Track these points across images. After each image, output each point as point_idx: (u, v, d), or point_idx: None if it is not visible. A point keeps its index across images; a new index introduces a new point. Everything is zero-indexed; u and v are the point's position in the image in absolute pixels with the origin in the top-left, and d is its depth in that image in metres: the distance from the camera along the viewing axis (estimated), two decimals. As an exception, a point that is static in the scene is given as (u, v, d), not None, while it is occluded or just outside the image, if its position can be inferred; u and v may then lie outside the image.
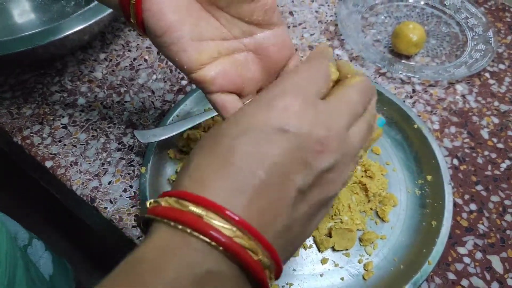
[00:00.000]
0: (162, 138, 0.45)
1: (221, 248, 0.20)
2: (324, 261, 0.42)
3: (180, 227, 0.20)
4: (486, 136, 0.52)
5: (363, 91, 0.26)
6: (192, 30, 0.30)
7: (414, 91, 0.56)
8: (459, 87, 0.57)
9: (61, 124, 0.53)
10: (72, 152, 0.50)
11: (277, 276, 0.23)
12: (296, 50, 0.61)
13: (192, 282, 0.20)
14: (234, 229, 0.20)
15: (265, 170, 0.21)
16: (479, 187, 0.48)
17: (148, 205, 0.22)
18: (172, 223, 0.21)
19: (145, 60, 0.59)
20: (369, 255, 0.42)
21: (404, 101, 0.55)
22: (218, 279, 0.20)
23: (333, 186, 0.24)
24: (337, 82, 0.27)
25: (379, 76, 0.58)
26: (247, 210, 0.21)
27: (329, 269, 0.42)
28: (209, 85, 0.32)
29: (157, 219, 0.21)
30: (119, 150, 0.50)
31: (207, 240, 0.20)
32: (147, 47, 0.61)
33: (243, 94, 0.34)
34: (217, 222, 0.20)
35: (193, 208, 0.21)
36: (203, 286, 0.20)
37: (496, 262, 0.43)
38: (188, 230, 0.20)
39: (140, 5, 0.29)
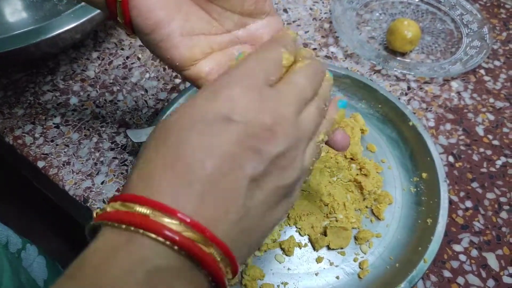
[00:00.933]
0: (155, 137, 0.45)
1: (168, 242, 0.19)
2: (319, 260, 0.42)
3: (124, 226, 0.20)
4: (481, 133, 0.52)
5: (311, 75, 0.26)
6: (182, 26, 0.29)
7: (409, 88, 0.56)
8: (454, 84, 0.57)
9: (53, 123, 0.52)
10: (64, 152, 0.50)
11: (234, 272, 0.22)
12: (291, 47, 0.60)
13: (141, 280, 0.19)
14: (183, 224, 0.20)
15: (213, 161, 0.21)
16: (474, 184, 0.48)
17: (94, 214, 0.22)
18: (116, 224, 0.20)
19: (138, 59, 0.59)
20: (365, 254, 0.42)
21: (399, 98, 0.54)
22: (170, 275, 0.20)
23: (288, 173, 0.23)
24: None
25: (374, 73, 0.57)
26: (196, 206, 0.20)
27: (324, 268, 0.41)
28: (204, 81, 0.31)
29: (103, 223, 0.21)
30: (112, 149, 0.50)
31: (153, 236, 0.19)
32: (140, 46, 0.61)
33: None
34: (165, 219, 0.20)
35: (139, 208, 0.20)
36: (154, 284, 0.19)
37: (491, 260, 0.43)
38: (132, 228, 0.19)
39: (127, 2, 0.28)
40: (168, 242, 0.19)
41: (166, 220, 0.20)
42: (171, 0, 0.29)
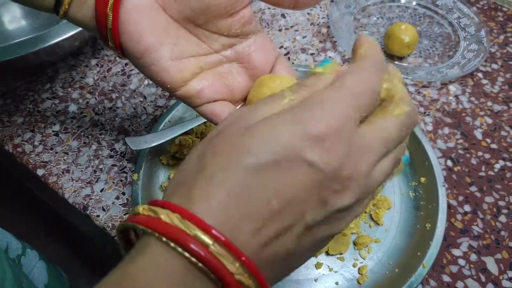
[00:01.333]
0: (154, 144, 0.45)
1: (220, 283, 0.19)
2: (318, 265, 0.42)
3: (179, 250, 0.19)
4: (479, 136, 0.52)
5: (405, 127, 0.23)
6: (171, 50, 0.30)
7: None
8: (452, 88, 0.57)
9: (53, 131, 0.52)
10: (64, 159, 0.50)
11: None
12: (288, 53, 0.61)
13: None
14: (237, 265, 0.19)
15: (280, 201, 0.20)
16: (473, 188, 0.48)
17: (140, 211, 0.20)
18: (172, 244, 0.19)
19: (137, 65, 0.59)
20: (364, 259, 0.42)
21: (397, 103, 0.54)
22: None
23: (341, 224, 0.22)
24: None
25: (372, 77, 0.57)
26: (251, 241, 0.20)
27: (323, 274, 0.41)
28: (196, 99, 0.32)
29: (155, 234, 0.19)
30: (111, 157, 0.50)
31: (206, 269, 0.19)
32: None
33: (234, 101, 0.34)
34: (222, 253, 0.19)
35: (200, 234, 0.19)
36: None
37: (491, 264, 0.43)
38: (193, 260, 0.19)
39: (117, 28, 0.29)
40: (219, 282, 0.19)
41: (222, 258, 0.19)
42: (160, 25, 0.30)
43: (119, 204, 0.46)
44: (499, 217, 0.46)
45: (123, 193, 0.47)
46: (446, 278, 0.42)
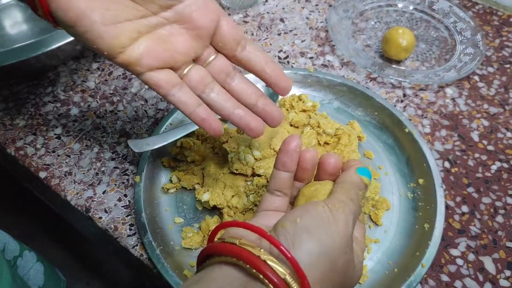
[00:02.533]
0: (156, 147, 0.46)
1: None
2: (319, 266, 0.42)
3: None
4: (476, 138, 0.53)
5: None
6: (103, 15, 0.30)
7: (404, 95, 0.57)
8: (449, 91, 0.58)
9: (55, 134, 0.53)
10: (66, 162, 0.50)
11: None
12: (288, 57, 0.61)
13: None
14: None
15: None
16: (470, 189, 0.49)
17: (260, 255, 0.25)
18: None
19: (138, 69, 0.60)
20: (363, 259, 0.43)
21: (395, 106, 0.55)
22: None
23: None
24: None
25: (370, 81, 0.58)
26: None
27: (324, 274, 0.42)
28: (135, 66, 0.32)
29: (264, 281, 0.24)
30: (113, 159, 0.50)
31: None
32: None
33: (176, 67, 0.34)
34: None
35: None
36: None
37: (488, 263, 0.43)
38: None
39: None
40: None
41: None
42: None
43: (121, 206, 0.46)
44: (496, 217, 0.46)
45: (125, 195, 0.47)
46: (444, 278, 0.42)
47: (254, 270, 0.24)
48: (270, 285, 0.24)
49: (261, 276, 0.24)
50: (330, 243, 0.26)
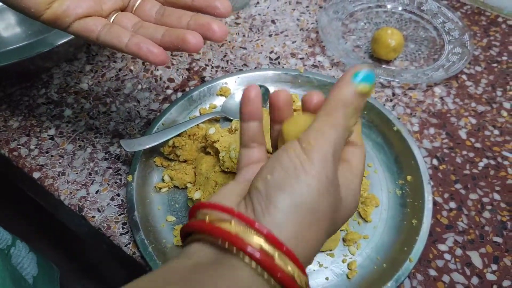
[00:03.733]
0: (148, 146, 0.46)
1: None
2: (309, 262, 0.43)
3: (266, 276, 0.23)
4: (464, 136, 0.54)
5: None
6: None
7: (394, 94, 0.58)
8: (437, 90, 0.59)
9: (48, 135, 0.53)
10: (59, 162, 0.51)
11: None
12: (279, 58, 0.62)
13: None
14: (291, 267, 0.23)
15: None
16: (458, 186, 0.49)
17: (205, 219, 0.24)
18: (259, 270, 0.23)
19: (130, 71, 0.60)
20: (353, 255, 0.44)
21: (384, 105, 0.56)
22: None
23: None
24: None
25: (360, 80, 0.59)
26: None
27: (314, 270, 0.43)
28: (64, 18, 0.33)
29: (243, 257, 0.23)
30: (106, 159, 0.51)
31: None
32: (132, 58, 0.62)
33: (103, 16, 0.35)
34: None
35: (290, 267, 0.23)
36: None
37: (475, 258, 0.44)
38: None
39: None
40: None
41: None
42: None
43: (114, 205, 0.47)
44: (483, 213, 0.47)
45: (118, 195, 0.48)
46: (432, 272, 0.43)
47: (227, 244, 0.23)
48: (246, 257, 0.23)
49: (234, 249, 0.23)
50: (304, 192, 0.24)
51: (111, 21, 0.36)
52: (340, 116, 0.26)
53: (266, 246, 0.23)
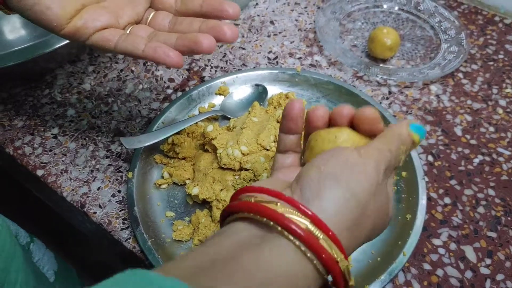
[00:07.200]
0: (148, 144, 0.47)
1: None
2: (304, 256, 0.44)
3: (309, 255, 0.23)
4: (459, 133, 0.55)
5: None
6: None
7: (390, 92, 0.59)
8: (434, 88, 0.59)
9: (51, 134, 0.55)
10: (62, 160, 0.52)
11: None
12: (277, 57, 0.63)
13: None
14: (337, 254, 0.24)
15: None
16: (453, 182, 0.50)
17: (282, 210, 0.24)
18: (303, 248, 0.23)
19: (132, 71, 0.62)
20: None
21: (380, 103, 0.57)
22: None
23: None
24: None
25: (357, 79, 0.60)
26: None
27: (309, 264, 0.43)
28: (84, 29, 0.35)
29: (295, 240, 0.23)
30: (107, 157, 0.52)
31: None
32: (133, 59, 0.63)
33: (120, 27, 0.37)
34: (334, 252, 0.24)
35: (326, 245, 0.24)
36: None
37: (469, 252, 0.45)
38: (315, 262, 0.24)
39: None
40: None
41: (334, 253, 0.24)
42: None
43: (115, 202, 0.48)
44: (478, 208, 0.48)
45: (119, 191, 0.49)
46: (426, 266, 0.44)
47: (272, 223, 0.24)
48: (290, 236, 0.23)
49: (279, 228, 0.23)
50: (358, 188, 0.25)
51: (127, 32, 0.38)
52: (395, 146, 0.29)
53: (312, 227, 0.23)
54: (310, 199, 0.25)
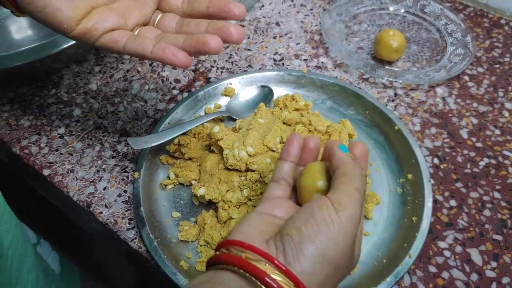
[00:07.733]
0: (154, 144, 0.48)
1: None
2: (310, 257, 0.44)
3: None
4: (465, 136, 0.55)
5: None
6: None
7: (396, 95, 0.59)
8: (439, 90, 0.59)
9: (58, 134, 0.55)
10: (68, 160, 0.52)
11: None
12: (283, 59, 0.63)
13: None
14: None
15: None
16: (458, 184, 0.50)
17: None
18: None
19: (138, 72, 0.62)
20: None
21: (386, 105, 0.57)
22: None
23: None
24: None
25: (362, 81, 0.60)
26: None
27: (315, 265, 0.43)
28: (93, 31, 0.36)
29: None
30: (113, 157, 0.52)
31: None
32: (139, 59, 0.64)
33: (128, 29, 0.38)
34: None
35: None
36: None
37: (475, 255, 0.45)
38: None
39: None
40: None
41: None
42: None
43: (121, 202, 0.48)
44: (484, 211, 0.48)
45: (125, 191, 0.49)
46: (432, 269, 0.44)
47: (259, 283, 0.26)
48: None
49: (263, 287, 0.26)
50: (333, 249, 0.28)
51: (135, 34, 0.38)
52: (359, 181, 0.31)
53: None
54: (291, 262, 0.27)
